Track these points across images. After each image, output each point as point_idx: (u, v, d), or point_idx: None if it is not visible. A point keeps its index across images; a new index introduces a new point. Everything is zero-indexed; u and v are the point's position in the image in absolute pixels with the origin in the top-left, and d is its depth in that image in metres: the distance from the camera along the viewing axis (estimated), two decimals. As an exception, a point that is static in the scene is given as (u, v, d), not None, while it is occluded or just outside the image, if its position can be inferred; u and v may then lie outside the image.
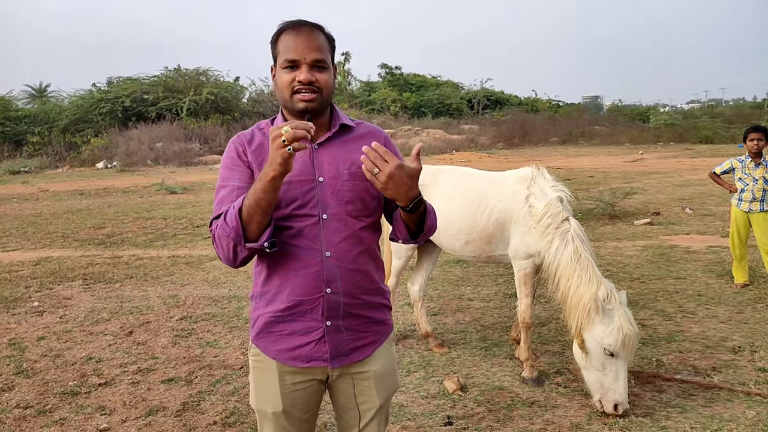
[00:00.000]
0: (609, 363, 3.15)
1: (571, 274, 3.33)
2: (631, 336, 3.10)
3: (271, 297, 1.71)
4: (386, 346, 1.84)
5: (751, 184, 5.53)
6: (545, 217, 3.53)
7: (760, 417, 3.18)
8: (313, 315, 1.68)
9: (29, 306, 5.69)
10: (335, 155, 1.71)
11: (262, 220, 1.52)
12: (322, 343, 1.69)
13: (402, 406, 3.45)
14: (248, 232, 1.54)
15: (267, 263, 1.70)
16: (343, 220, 1.68)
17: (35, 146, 27.74)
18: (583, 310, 3.23)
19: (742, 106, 47.07)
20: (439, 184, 4.15)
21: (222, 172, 1.72)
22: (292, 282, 1.67)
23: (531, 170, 3.80)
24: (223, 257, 1.61)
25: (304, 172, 1.66)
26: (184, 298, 5.79)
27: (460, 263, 6.71)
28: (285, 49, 1.64)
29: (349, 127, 1.79)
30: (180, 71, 32.41)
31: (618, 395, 3.15)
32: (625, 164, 18.79)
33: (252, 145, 1.71)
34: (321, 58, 1.64)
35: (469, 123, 34.58)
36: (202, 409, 3.49)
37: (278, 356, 1.72)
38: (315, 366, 1.72)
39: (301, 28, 1.66)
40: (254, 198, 1.49)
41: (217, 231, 1.58)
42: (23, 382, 3.93)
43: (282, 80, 1.66)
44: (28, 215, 11.95)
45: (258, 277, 1.75)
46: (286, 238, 1.64)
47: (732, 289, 5.50)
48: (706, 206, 10.10)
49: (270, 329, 1.72)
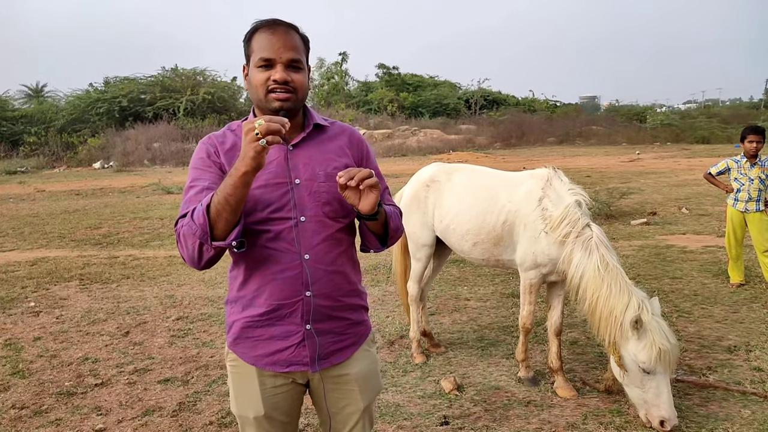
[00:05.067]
0: (648, 379, 2.96)
1: (599, 284, 3.11)
2: (667, 351, 2.88)
3: (247, 302, 1.67)
4: (365, 347, 1.82)
5: (747, 184, 5.55)
6: (564, 225, 3.29)
7: (755, 416, 3.19)
8: (292, 319, 1.65)
9: (25, 306, 5.68)
10: (310, 156, 1.68)
11: (231, 218, 1.47)
12: (301, 347, 1.67)
13: (398, 405, 3.45)
14: (216, 230, 1.48)
15: (244, 267, 1.66)
16: (321, 221, 1.65)
17: (32, 146, 27.70)
18: (614, 323, 3.02)
19: (738, 107, 47.22)
20: (452, 182, 3.98)
21: (191, 173, 1.66)
22: (271, 286, 1.63)
23: (547, 171, 3.60)
24: (187, 257, 1.54)
25: (280, 174, 1.63)
26: (180, 299, 5.78)
27: (458, 263, 6.71)
28: (260, 47, 1.61)
29: (322, 127, 1.76)
30: (177, 71, 32.40)
31: (663, 411, 2.93)
32: (622, 164, 18.83)
33: (225, 146, 1.67)
34: (297, 58, 1.62)
35: (467, 123, 34.61)
36: (198, 410, 3.49)
37: (256, 362, 1.68)
38: (295, 370, 1.69)
39: (276, 27, 1.63)
40: (224, 194, 1.44)
41: (183, 229, 1.51)
42: (19, 383, 3.93)
43: (256, 79, 1.61)
44: (24, 215, 11.92)
45: (234, 281, 1.71)
46: (263, 241, 1.61)
47: (728, 288, 5.51)
48: (702, 206, 10.13)
49: (247, 334, 1.68)
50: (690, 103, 64.46)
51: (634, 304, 3.02)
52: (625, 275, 3.17)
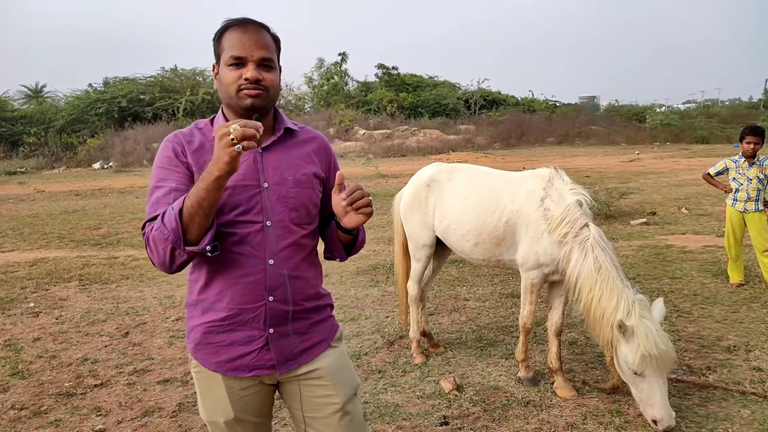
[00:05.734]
0: (639, 380, 3.00)
1: (592, 285, 3.14)
2: (653, 356, 2.88)
3: (208, 305, 1.64)
4: (335, 344, 1.81)
5: (746, 183, 5.55)
6: (563, 225, 3.30)
7: (755, 416, 3.19)
8: (254, 324, 1.62)
9: (25, 307, 5.68)
10: (279, 160, 1.67)
11: (204, 222, 1.45)
12: (265, 351, 1.64)
13: (398, 406, 3.45)
14: (188, 235, 1.45)
15: (206, 270, 1.63)
16: (287, 227, 1.64)
17: (31, 147, 27.71)
18: (606, 325, 3.07)
19: (738, 107, 47.19)
20: (453, 182, 3.97)
21: (156, 173, 1.61)
22: (232, 290, 1.60)
23: (549, 171, 3.60)
24: (157, 262, 1.51)
25: (249, 176, 1.61)
26: (180, 299, 5.78)
27: (457, 263, 6.71)
28: (231, 46, 1.59)
29: (292, 132, 1.75)
30: (176, 71, 32.42)
31: (656, 411, 2.95)
32: (621, 164, 18.83)
33: (192, 146, 1.64)
34: (268, 57, 1.61)
35: (466, 123, 34.60)
36: (197, 410, 3.47)
37: (218, 368, 1.65)
38: (259, 374, 1.67)
39: (248, 25, 1.62)
40: (196, 198, 1.41)
41: (153, 233, 1.47)
42: (18, 383, 3.93)
43: (227, 77, 1.60)
44: (24, 216, 11.92)
45: (194, 284, 1.67)
46: (228, 245, 1.58)
47: (727, 288, 5.51)
48: (701, 206, 10.13)
49: (208, 340, 1.65)
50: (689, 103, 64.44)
51: (622, 308, 3.04)
52: (618, 277, 3.17)
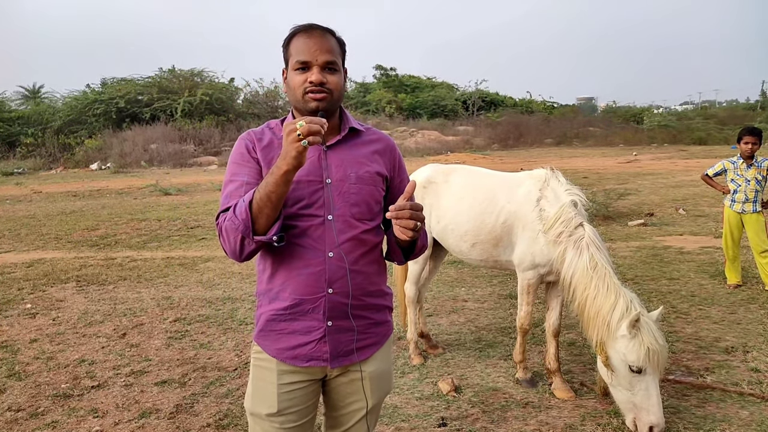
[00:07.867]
0: (637, 381, 2.92)
1: (587, 284, 3.13)
2: (656, 350, 2.86)
3: (274, 295, 1.72)
4: (385, 348, 1.85)
5: (744, 185, 5.56)
6: (557, 224, 3.32)
7: (753, 417, 3.19)
8: (314, 315, 1.69)
9: (22, 308, 5.66)
10: (343, 158, 1.74)
11: (272, 213, 1.54)
12: (322, 343, 1.70)
13: (396, 407, 3.45)
14: (257, 225, 1.55)
15: (271, 261, 1.71)
16: (348, 222, 1.70)
17: (28, 147, 27.62)
18: (602, 323, 3.03)
19: (735, 108, 47.29)
20: (449, 183, 3.99)
21: (230, 168, 1.73)
22: (295, 281, 1.68)
23: (545, 172, 3.63)
24: (228, 251, 1.62)
25: (313, 172, 1.69)
26: (177, 300, 5.77)
27: (455, 264, 6.71)
28: (297, 51, 1.68)
29: (357, 131, 1.81)
30: (174, 72, 32.35)
31: (653, 416, 2.88)
32: (619, 165, 18.87)
33: (262, 143, 1.74)
34: (332, 60, 1.68)
35: (464, 124, 34.66)
36: (195, 411, 3.48)
37: (278, 355, 1.72)
38: (314, 366, 1.72)
39: (312, 31, 1.70)
40: (265, 191, 1.51)
41: (225, 224, 1.58)
42: (15, 385, 3.91)
43: (294, 81, 1.69)
44: (21, 217, 11.89)
45: (262, 274, 1.76)
46: (290, 237, 1.66)
47: (725, 289, 5.52)
48: (699, 207, 10.15)
49: (272, 327, 1.73)
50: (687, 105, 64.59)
51: (622, 305, 3.00)
52: (614, 276, 3.16)
